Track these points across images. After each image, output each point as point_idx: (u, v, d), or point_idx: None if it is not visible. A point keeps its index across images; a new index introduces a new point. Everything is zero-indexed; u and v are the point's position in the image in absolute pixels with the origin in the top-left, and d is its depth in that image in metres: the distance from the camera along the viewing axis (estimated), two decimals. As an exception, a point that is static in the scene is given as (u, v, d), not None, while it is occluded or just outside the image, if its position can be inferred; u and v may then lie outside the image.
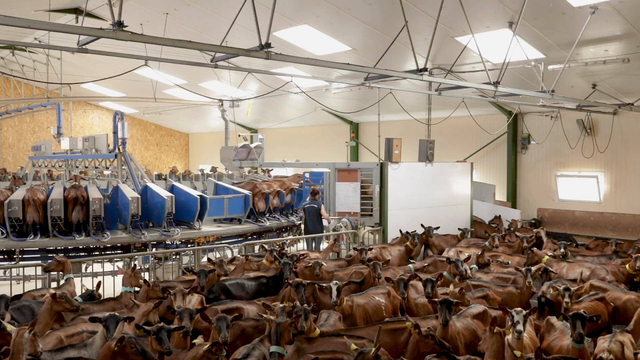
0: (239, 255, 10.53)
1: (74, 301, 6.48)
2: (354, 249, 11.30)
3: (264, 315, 6.04)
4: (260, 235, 13.69)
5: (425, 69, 8.52)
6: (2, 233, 10.43)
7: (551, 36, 12.00)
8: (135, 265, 7.85)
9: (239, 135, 20.74)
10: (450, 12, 11.33)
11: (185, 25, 15.43)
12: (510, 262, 10.80)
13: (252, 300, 7.51)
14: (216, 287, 8.33)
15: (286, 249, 11.14)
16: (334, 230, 13.90)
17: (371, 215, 14.06)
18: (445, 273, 9.15)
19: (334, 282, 7.39)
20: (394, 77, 9.15)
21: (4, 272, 10.54)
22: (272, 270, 9.24)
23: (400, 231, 12.57)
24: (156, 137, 34.58)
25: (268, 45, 6.91)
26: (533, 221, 16.66)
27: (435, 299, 6.44)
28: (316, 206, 13.90)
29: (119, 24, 5.80)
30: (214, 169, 20.93)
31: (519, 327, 5.82)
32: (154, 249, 11.40)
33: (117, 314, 5.81)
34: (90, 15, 15.88)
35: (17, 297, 6.98)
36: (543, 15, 11.18)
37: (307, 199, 14.20)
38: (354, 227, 13.85)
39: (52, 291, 6.77)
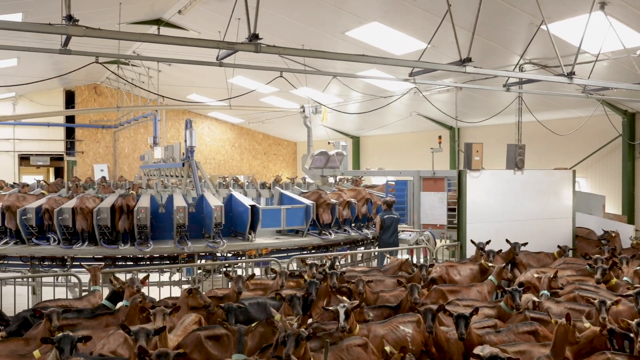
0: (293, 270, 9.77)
1: (54, 328, 6.07)
2: (413, 265, 10.08)
3: (225, 323, 5.81)
4: (327, 249, 12.80)
5: (468, 59, 7.19)
6: (54, 240, 10.56)
7: (657, 17, 9.95)
8: (117, 278, 7.38)
9: (329, 143, 20.14)
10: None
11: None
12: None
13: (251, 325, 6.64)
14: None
15: (338, 263, 10.16)
16: (415, 243, 12.70)
17: (460, 228, 12.68)
18: (501, 304, 7.70)
19: (342, 304, 6.34)
20: (438, 69, 7.88)
21: (56, 279, 10.71)
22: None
23: (473, 242, 11.08)
24: (264, 146, 35.03)
25: (256, 36, 6.08)
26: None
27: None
28: (396, 217, 12.76)
29: (69, 18, 5.32)
30: (278, 178, 20.36)
31: None
32: (202, 261, 10.98)
33: (71, 333, 5.28)
34: (170, 25, 16.11)
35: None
36: (641, -8, 9.27)
37: (383, 210, 13.09)
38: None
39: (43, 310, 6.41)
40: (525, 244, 11.46)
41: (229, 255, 11.20)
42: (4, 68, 19.13)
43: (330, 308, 6.46)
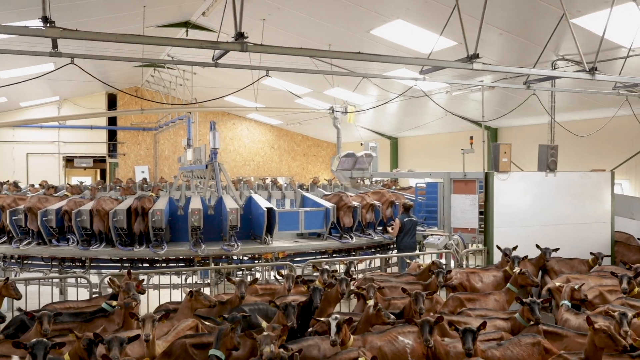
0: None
1: (45, 331, 6.04)
2: (430, 271, 9.66)
3: (206, 322, 5.87)
4: (349, 253, 12.49)
5: (476, 55, 6.78)
6: (73, 241, 10.68)
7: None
8: (114, 281, 7.32)
9: (361, 144, 19.86)
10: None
11: (282, 29, 14.95)
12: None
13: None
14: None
15: (353, 269, 9.84)
16: (445, 247, 12.28)
17: (492, 232, 12.17)
18: (516, 315, 7.22)
19: (334, 316, 6.06)
20: (446, 67, 7.49)
21: (75, 280, 10.81)
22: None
23: (498, 247, 10.57)
24: (303, 148, 34.95)
25: (241, 35, 5.87)
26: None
27: None
28: (415, 220, 12.42)
29: (45, 20, 5.25)
30: (316, 180, 20.06)
31: None
32: (220, 264, 10.88)
33: (45, 339, 5.17)
34: (198, 27, 16.14)
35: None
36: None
37: (400, 213, 12.72)
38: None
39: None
40: (556, 250, 10.86)
41: (245, 258, 11.08)
42: (42, 73, 19.62)
43: (323, 320, 6.20)
